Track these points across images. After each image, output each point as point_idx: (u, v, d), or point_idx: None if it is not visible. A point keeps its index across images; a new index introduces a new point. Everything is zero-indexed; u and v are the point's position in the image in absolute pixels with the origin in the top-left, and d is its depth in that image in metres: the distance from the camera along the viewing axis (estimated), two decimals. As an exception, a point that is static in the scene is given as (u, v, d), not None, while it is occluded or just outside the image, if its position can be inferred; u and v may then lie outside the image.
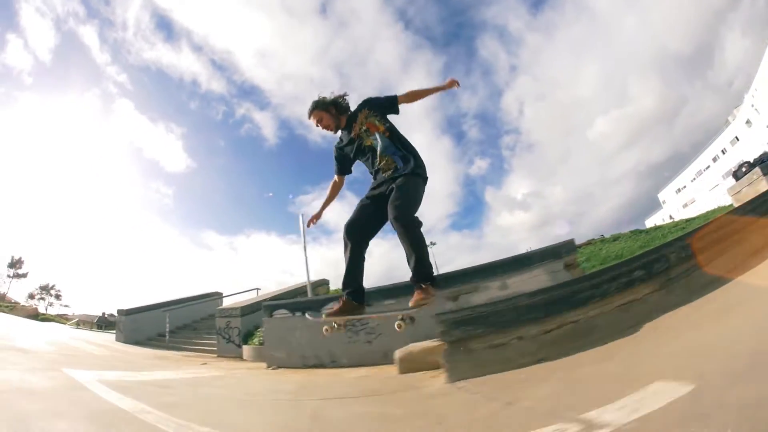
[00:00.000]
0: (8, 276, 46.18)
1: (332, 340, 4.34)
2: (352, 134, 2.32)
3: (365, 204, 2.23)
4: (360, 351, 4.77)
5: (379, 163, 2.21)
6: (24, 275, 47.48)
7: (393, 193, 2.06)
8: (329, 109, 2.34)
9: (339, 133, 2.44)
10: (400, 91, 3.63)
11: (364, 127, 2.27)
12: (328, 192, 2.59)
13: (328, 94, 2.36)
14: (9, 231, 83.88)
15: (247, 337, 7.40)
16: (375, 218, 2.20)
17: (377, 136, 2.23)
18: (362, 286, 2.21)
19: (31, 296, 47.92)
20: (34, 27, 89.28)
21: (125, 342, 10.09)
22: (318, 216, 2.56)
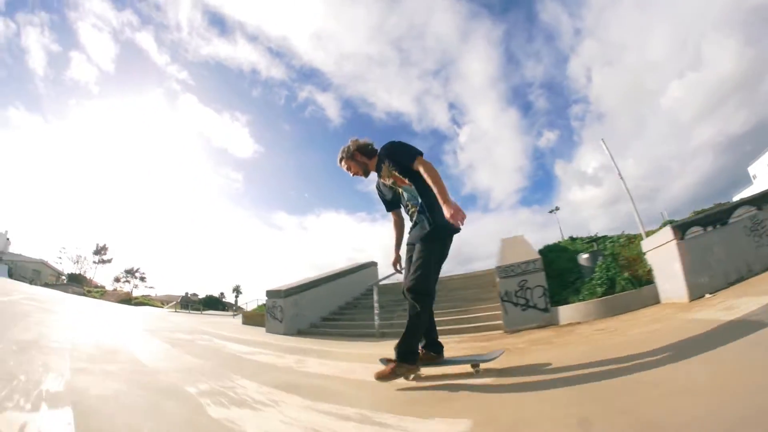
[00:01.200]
0: (94, 262, 49.43)
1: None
2: (384, 181, 2.40)
3: (409, 254, 2.36)
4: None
5: (410, 209, 2.32)
6: (109, 261, 50.89)
7: (414, 261, 2.14)
8: (355, 156, 2.35)
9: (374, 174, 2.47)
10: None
11: (390, 180, 2.33)
12: (393, 231, 2.60)
13: (352, 142, 2.38)
14: (93, 221, 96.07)
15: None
16: None
17: (405, 189, 2.30)
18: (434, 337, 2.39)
19: (117, 279, 51.53)
20: (94, 41, 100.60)
21: (286, 333, 7.37)
22: (397, 259, 2.57)
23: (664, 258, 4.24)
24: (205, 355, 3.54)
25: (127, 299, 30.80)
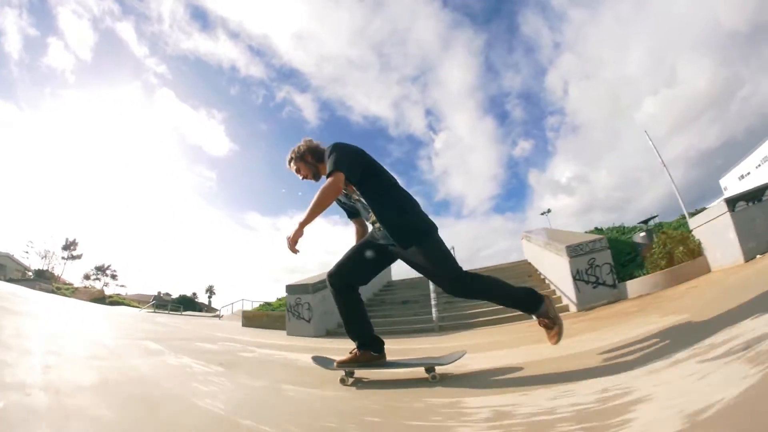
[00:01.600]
0: (62, 258, 45.83)
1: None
2: None
3: (363, 250, 2.00)
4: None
5: (372, 220, 2.00)
6: (78, 257, 47.19)
7: (431, 264, 1.86)
8: (305, 158, 2.10)
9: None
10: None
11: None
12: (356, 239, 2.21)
13: (305, 142, 2.13)
14: (63, 215, 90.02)
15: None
16: (375, 264, 2.02)
17: (359, 195, 1.99)
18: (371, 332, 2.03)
19: (87, 277, 48.10)
20: (73, 28, 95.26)
21: (316, 335, 6.32)
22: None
23: (717, 229, 4.82)
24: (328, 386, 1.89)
25: (100, 297, 28.34)
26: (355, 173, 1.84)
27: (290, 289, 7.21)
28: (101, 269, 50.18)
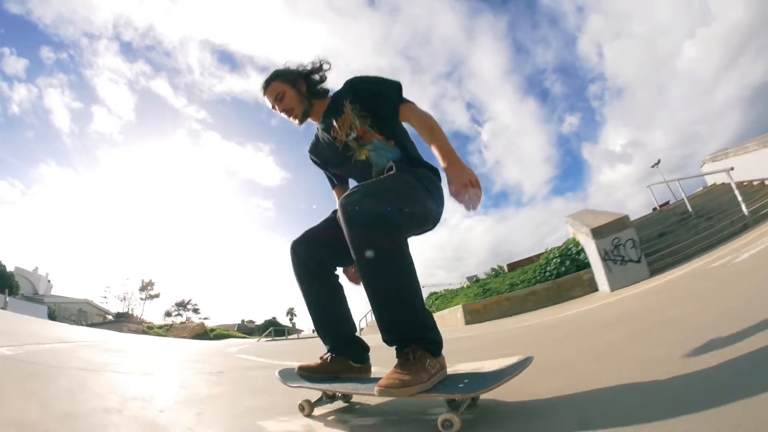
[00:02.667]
0: (141, 298, 48.88)
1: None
2: (335, 136, 1.46)
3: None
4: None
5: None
6: (156, 296, 51.15)
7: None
8: (297, 84, 1.49)
9: (316, 125, 1.60)
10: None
11: (353, 134, 1.41)
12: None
13: (299, 65, 1.53)
14: (136, 262, 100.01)
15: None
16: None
17: (377, 146, 1.40)
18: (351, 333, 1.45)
19: (168, 314, 51.38)
20: (112, 94, 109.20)
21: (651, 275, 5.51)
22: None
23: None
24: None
25: (202, 333, 26.14)
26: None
27: (598, 232, 5.98)
28: (182, 305, 54.07)
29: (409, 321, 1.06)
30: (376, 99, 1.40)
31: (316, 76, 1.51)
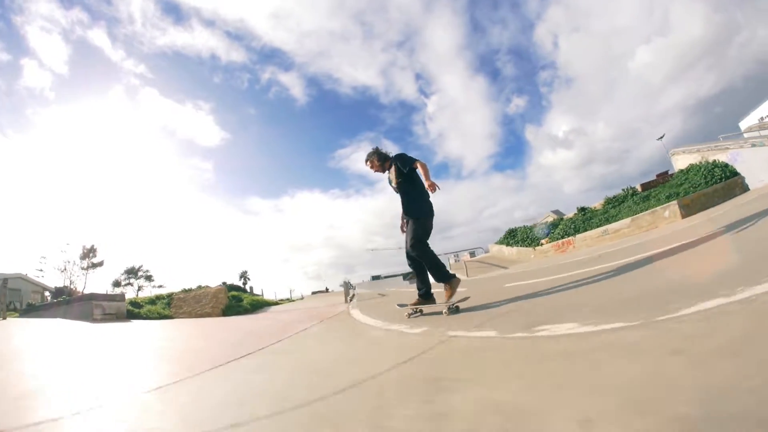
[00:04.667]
0: (82, 268, 40.91)
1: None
2: (390, 179, 3.65)
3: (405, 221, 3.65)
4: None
5: (401, 200, 3.57)
6: (100, 264, 42.36)
7: (407, 234, 3.44)
8: (372, 160, 3.68)
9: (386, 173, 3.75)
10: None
11: (394, 180, 3.56)
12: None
13: (374, 149, 3.69)
14: (71, 229, 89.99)
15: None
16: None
17: (402, 185, 3.52)
18: (429, 288, 3.46)
19: (117, 284, 45.29)
20: (44, 45, 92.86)
21: None
22: (403, 224, 3.71)
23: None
24: None
25: (227, 303, 17.78)
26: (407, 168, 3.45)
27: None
28: (132, 272, 48.48)
29: (443, 273, 3.23)
30: (404, 163, 3.44)
31: (382, 155, 3.66)
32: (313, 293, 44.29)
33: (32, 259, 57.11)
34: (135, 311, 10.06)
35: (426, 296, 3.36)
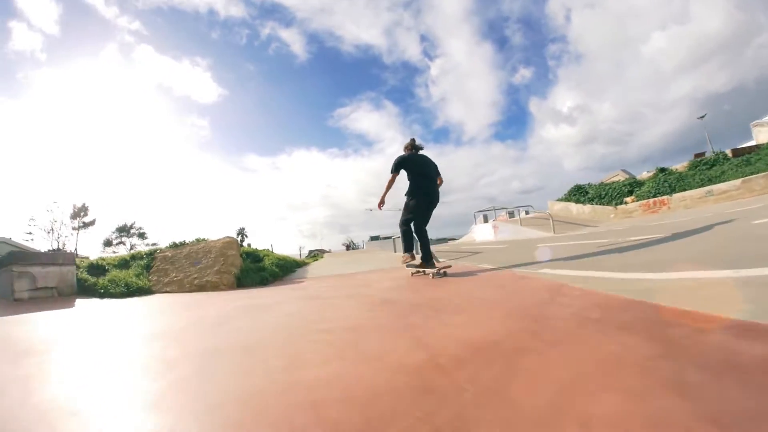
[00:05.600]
0: (73, 228, 38.15)
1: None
2: None
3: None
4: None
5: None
6: (91, 223, 39.73)
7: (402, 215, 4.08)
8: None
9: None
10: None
11: None
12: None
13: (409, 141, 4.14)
14: (64, 190, 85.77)
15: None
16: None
17: None
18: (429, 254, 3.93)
19: (108, 243, 41.91)
20: (32, 5, 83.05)
21: None
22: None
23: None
24: None
25: (256, 267, 7.82)
26: (397, 170, 3.95)
27: None
28: (124, 230, 44.97)
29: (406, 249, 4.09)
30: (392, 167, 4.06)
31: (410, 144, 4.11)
32: (311, 252, 42.15)
33: (22, 223, 52.67)
34: (92, 282, 5.82)
35: (425, 259, 3.92)
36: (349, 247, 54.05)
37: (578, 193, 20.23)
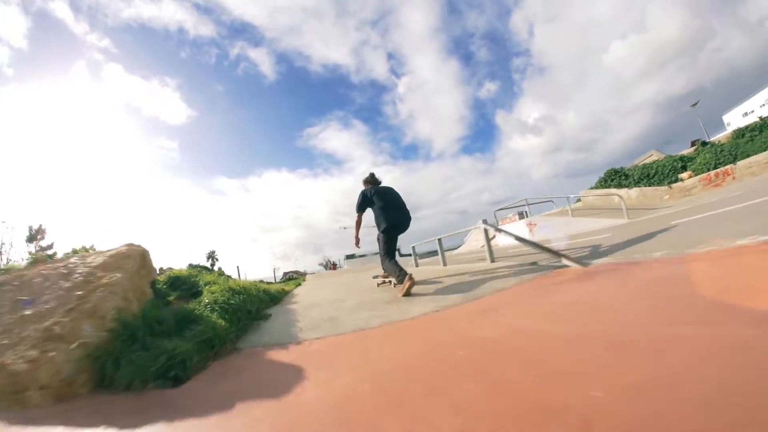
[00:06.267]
0: (30, 252, 36.42)
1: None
2: None
3: None
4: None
5: None
6: (49, 247, 38.89)
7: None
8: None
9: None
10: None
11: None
12: None
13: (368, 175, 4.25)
14: (24, 209, 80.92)
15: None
16: None
17: None
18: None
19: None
20: (2, 17, 79.45)
21: None
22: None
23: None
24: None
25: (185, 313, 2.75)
26: (360, 210, 4.10)
27: None
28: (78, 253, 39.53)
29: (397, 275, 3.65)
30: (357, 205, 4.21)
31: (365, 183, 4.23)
32: (286, 274, 39.32)
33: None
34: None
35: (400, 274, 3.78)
36: (327, 266, 49.87)
37: (617, 177, 17.22)
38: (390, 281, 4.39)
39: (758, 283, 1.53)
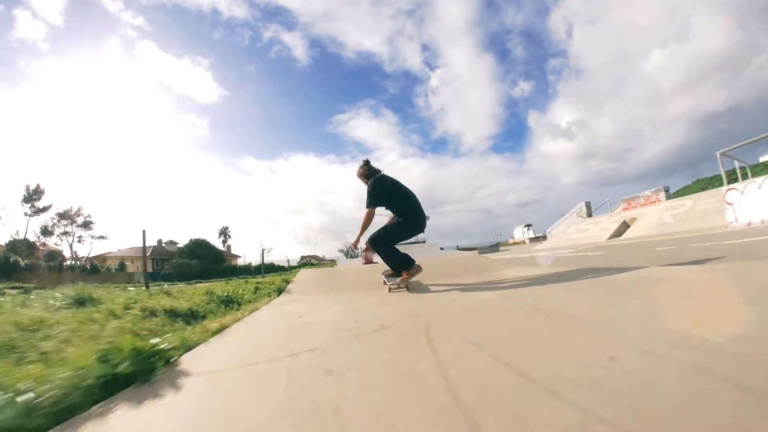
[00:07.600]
0: (26, 214, 32.91)
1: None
2: None
3: None
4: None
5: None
6: (46, 209, 34.07)
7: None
8: (361, 178, 3.77)
9: None
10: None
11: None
12: None
13: (360, 168, 3.74)
14: (50, 182, 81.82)
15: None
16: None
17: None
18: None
19: (46, 231, 34.04)
20: None
21: None
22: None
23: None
24: None
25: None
26: (379, 204, 3.49)
27: None
28: (66, 216, 36.97)
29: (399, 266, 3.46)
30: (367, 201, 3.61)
31: (364, 175, 3.69)
32: (303, 258, 37.34)
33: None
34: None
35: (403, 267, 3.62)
36: (348, 254, 46.94)
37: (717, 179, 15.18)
38: (404, 286, 3.39)
39: None
